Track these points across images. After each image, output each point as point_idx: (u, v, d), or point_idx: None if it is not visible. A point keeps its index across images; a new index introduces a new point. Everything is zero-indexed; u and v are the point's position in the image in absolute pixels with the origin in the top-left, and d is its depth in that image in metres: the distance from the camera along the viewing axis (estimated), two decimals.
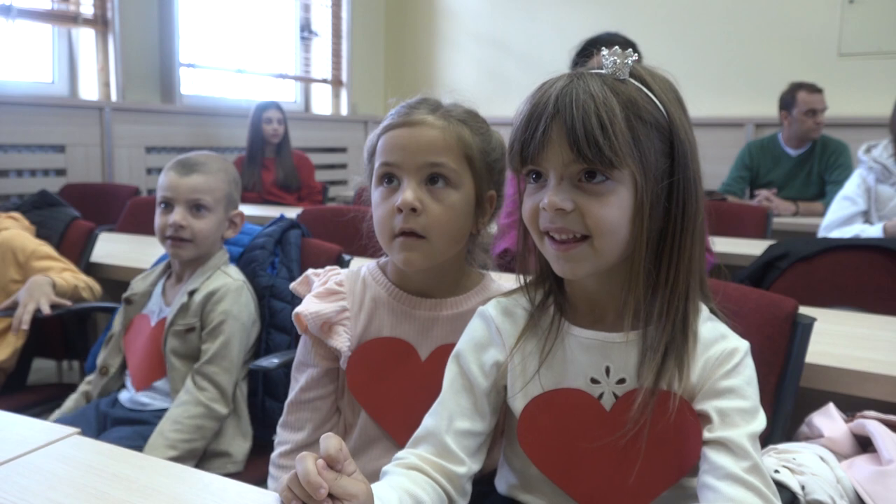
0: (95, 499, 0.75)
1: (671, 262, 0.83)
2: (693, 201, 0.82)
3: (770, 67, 4.30)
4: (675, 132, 0.81)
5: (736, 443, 0.79)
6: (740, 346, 0.85)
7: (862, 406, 1.14)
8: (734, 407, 0.81)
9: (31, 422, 0.94)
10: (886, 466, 0.97)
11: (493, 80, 5.29)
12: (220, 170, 1.60)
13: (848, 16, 4.22)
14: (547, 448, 0.89)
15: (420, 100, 1.06)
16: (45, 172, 3.51)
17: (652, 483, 0.85)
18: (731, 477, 0.77)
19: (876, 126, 3.31)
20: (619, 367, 0.86)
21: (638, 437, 0.82)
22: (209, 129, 4.28)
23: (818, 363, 1.18)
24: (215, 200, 1.57)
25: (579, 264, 0.82)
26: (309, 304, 1.09)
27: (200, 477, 0.81)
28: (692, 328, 0.84)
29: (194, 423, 1.42)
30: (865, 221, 2.57)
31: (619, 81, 0.80)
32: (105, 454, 0.85)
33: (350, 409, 1.12)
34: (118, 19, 3.75)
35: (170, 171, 1.56)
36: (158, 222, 1.56)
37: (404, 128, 1.02)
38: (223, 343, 1.49)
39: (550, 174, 0.81)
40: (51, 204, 2.29)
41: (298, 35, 5.25)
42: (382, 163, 1.02)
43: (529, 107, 0.82)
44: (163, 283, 1.65)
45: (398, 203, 0.99)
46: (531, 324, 0.91)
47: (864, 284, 1.74)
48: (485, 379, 0.91)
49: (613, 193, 0.79)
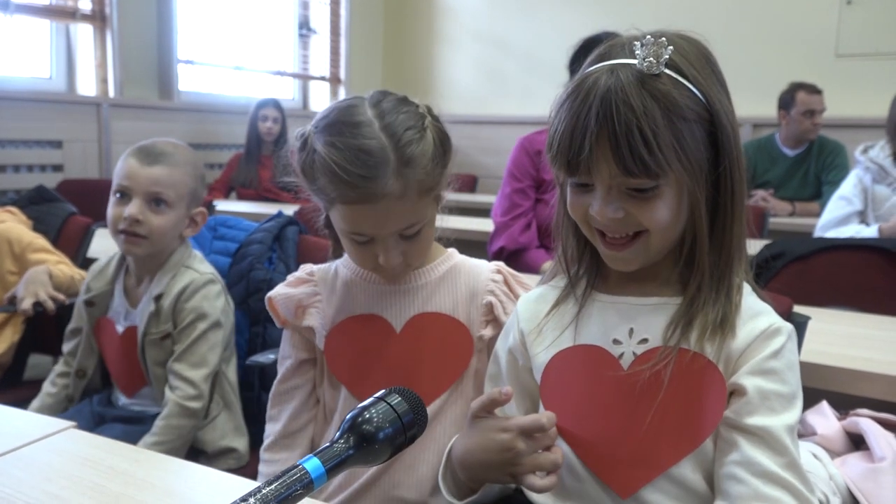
0: (91, 491, 0.75)
1: (723, 244, 0.83)
2: (739, 176, 0.82)
3: (768, 68, 4.30)
4: (717, 118, 0.80)
5: (774, 435, 0.77)
6: (784, 328, 0.84)
7: (855, 404, 1.15)
8: (774, 390, 0.79)
9: (28, 415, 0.95)
10: (878, 464, 0.98)
11: (491, 79, 5.29)
12: (187, 162, 1.48)
13: (846, 17, 4.23)
14: (564, 404, 0.88)
15: (362, 157, 0.93)
16: (42, 168, 3.51)
17: (666, 449, 0.82)
18: (767, 475, 0.75)
19: (873, 127, 3.32)
20: (643, 328, 0.85)
21: (653, 394, 0.81)
22: (207, 125, 4.28)
23: (812, 362, 1.18)
24: (178, 196, 1.44)
25: (634, 259, 0.84)
26: (279, 289, 1.13)
27: (195, 470, 0.82)
28: (736, 301, 0.83)
29: (166, 423, 1.39)
30: (862, 222, 2.57)
31: (655, 76, 0.78)
32: (101, 448, 0.86)
33: (330, 395, 1.13)
34: (116, 15, 3.75)
35: (130, 158, 1.43)
36: (111, 213, 1.44)
37: (365, 205, 0.95)
38: (193, 340, 1.44)
39: (597, 183, 0.81)
40: (48, 199, 2.29)
41: (297, 32, 5.25)
42: (351, 231, 1.00)
43: (570, 117, 0.79)
44: (122, 281, 1.55)
45: (383, 263, 1.01)
46: (562, 298, 0.93)
47: (858, 284, 1.75)
48: (504, 363, 0.96)
49: (663, 195, 0.79)
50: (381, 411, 0.59)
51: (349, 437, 0.58)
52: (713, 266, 0.83)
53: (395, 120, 0.97)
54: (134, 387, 1.53)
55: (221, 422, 1.50)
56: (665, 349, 0.81)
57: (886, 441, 1.01)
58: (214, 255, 1.71)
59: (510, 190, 2.39)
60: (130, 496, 0.74)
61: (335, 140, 0.95)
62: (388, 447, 0.59)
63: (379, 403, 0.60)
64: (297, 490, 0.53)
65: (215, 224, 1.78)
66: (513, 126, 3.46)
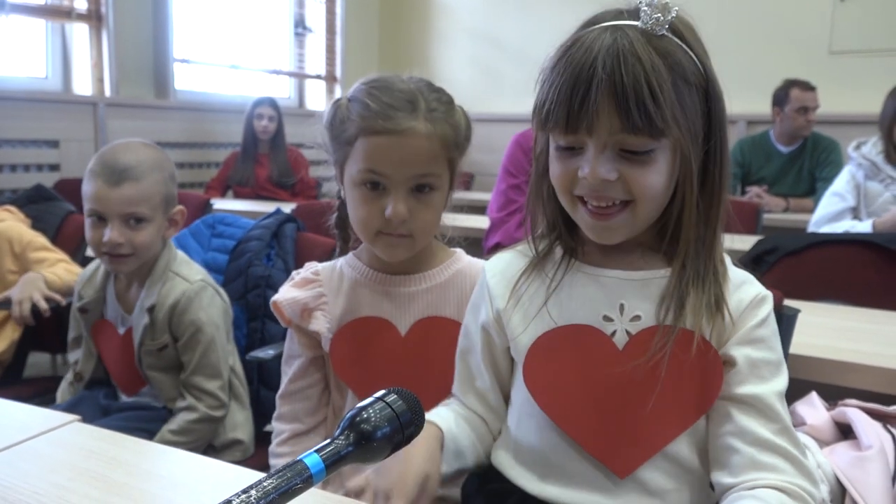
0: (97, 482, 0.77)
1: (711, 209, 0.82)
2: (727, 153, 0.82)
3: (762, 65, 4.32)
4: (713, 88, 0.80)
5: (766, 402, 0.77)
6: (768, 296, 0.84)
7: (844, 395, 1.16)
8: (763, 358, 0.80)
9: (32, 409, 0.96)
10: (865, 452, 1.00)
11: (487, 77, 5.30)
12: (153, 168, 1.42)
13: (839, 14, 4.25)
14: (554, 387, 0.86)
15: (396, 94, 1.01)
16: (38, 167, 3.51)
17: (663, 428, 0.82)
18: (761, 442, 0.76)
19: (866, 123, 3.33)
20: (634, 304, 0.83)
21: (652, 378, 0.79)
22: (203, 124, 4.28)
23: (802, 354, 1.20)
24: (152, 208, 1.42)
25: (619, 230, 0.81)
26: (285, 292, 1.12)
27: (199, 461, 0.84)
28: (723, 272, 0.83)
29: (190, 427, 1.43)
30: (855, 217, 2.60)
31: (658, 37, 0.76)
32: (105, 440, 0.87)
33: (338, 393, 1.14)
34: (112, 14, 3.75)
35: (96, 179, 1.38)
36: (90, 236, 1.41)
37: (390, 136, 0.98)
38: (202, 352, 1.45)
39: (590, 142, 0.77)
40: (46, 198, 2.30)
41: (292, 31, 5.25)
42: (367, 169, 1.00)
43: (572, 68, 0.76)
44: (112, 286, 1.54)
45: (389, 214, 0.99)
46: (532, 267, 0.90)
47: (849, 279, 1.77)
48: (477, 339, 0.93)
49: (657, 160, 0.77)
50: (379, 410, 0.61)
51: (349, 434, 0.60)
52: (699, 239, 0.82)
53: (428, 85, 1.05)
54: (134, 387, 1.54)
55: (231, 416, 1.52)
56: (664, 329, 0.80)
57: (874, 430, 1.03)
58: (213, 253, 1.73)
59: (506, 186, 2.40)
60: (135, 487, 0.76)
61: (371, 85, 1.02)
62: (386, 445, 0.61)
63: (377, 403, 0.61)
64: (296, 484, 0.55)
65: (213, 222, 1.79)
66: (508, 123, 3.47)
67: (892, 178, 2.54)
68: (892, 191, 2.54)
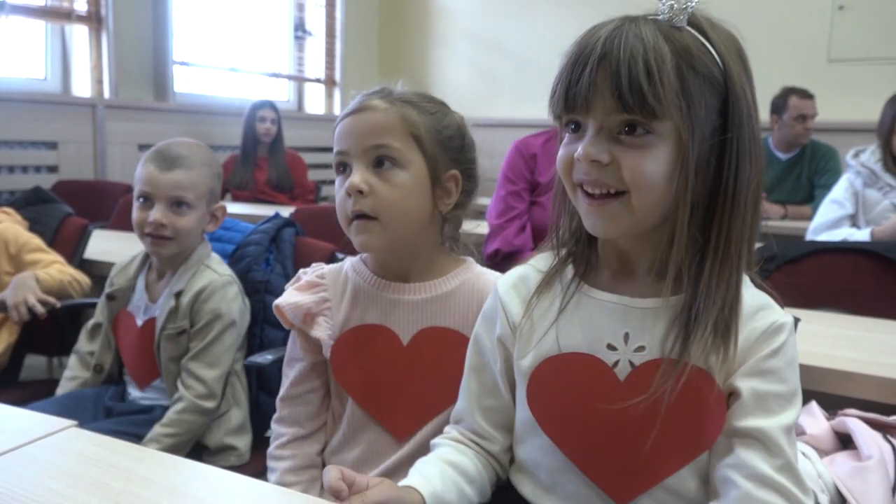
0: (94, 489, 0.76)
1: (722, 227, 0.77)
2: (747, 164, 0.76)
3: (760, 72, 4.25)
4: (732, 87, 0.76)
5: (769, 436, 0.74)
6: (786, 323, 0.79)
7: (843, 404, 1.16)
8: (772, 391, 0.76)
9: (30, 414, 0.95)
10: (865, 462, 1.00)
11: (486, 81, 5.30)
12: (203, 163, 1.54)
13: (838, 22, 4.26)
14: (556, 413, 0.85)
15: (376, 89, 1.08)
16: (37, 169, 3.51)
17: (664, 462, 0.80)
18: (759, 478, 0.73)
19: (864, 131, 3.34)
20: (639, 334, 0.80)
21: (653, 413, 0.76)
22: (202, 127, 4.28)
23: (802, 363, 1.18)
24: (197, 197, 1.51)
25: (613, 222, 0.77)
26: (288, 296, 1.11)
27: (197, 468, 0.83)
28: (738, 303, 0.77)
29: (178, 417, 1.43)
30: (853, 225, 2.60)
31: (675, 29, 0.74)
32: (103, 446, 0.87)
33: (338, 399, 1.14)
34: (112, 16, 3.75)
35: (149, 164, 1.49)
36: (136, 217, 1.50)
37: (353, 115, 1.04)
38: (210, 341, 1.48)
39: (590, 124, 0.76)
40: (44, 200, 2.29)
41: (292, 34, 5.26)
42: (336, 152, 1.05)
43: (576, 48, 0.77)
44: (144, 276, 1.61)
45: (346, 187, 1.01)
46: (545, 284, 0.88)
47: (848, 287, 1.77)
48: (496, 354, 0.91)
49: (654, 147, 0.74)
50: None
51: None
52: (717, 254, 0.77)
53: (420, 92, 1.09)
54: (147, 378, 1.55)
55: (227, 419, 1.52)
56: (667, 363, 0.77)
57: (873, 440, 1.03)
58: None
59: (505, 192, 2.40)
60: (133, 493, 0.75)
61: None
62: None
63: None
64: None
65: None
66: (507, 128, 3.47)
67: (891, 185, 2.54)
68: (890, 198, 2.54)
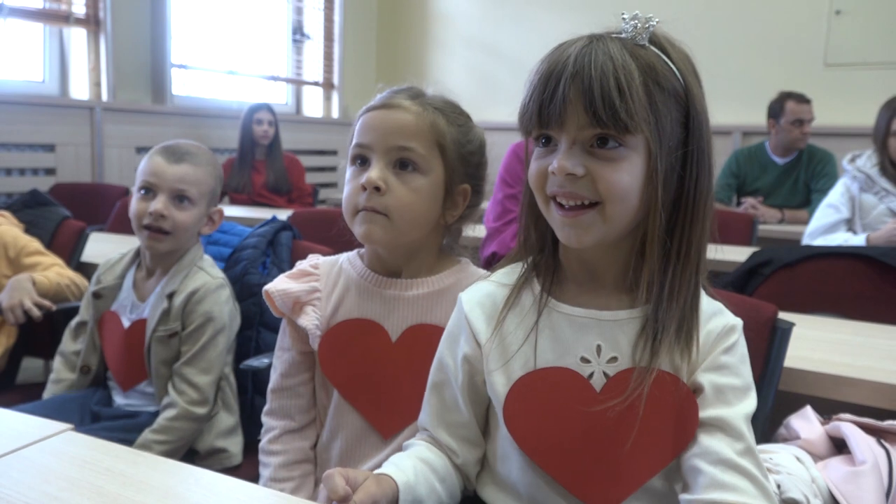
0: (90, 493, 0.76)
1: (684, 233, 0.82)
2: (706, 173, 0.82)
3: (757, 76, 4.35)
4: (692, 102, 0.81)
5: (730, 423, 0.78)
6: (737, 324, 0.85)
7: (838, 409, 1.17)
8: (728, 384, 0.81)
9: (25, 417, 0.95)
10: (859, 467, 1.00)
11: (483, 85, 5.31)
12: (209, 163, 1.55)
13: (834, 27, 4.28)
14: (533, 431, 0.86)
15: (406, 87, 1.08)
16: (34, 171, 3.51)
17: (643, 466, 0.83)
18: (724, 462, 0.76)
19: (861, 136, 3.36)
20: (611, 345, 0.83)
21: (630, 418, 0.80)
22: (200, 130, 4.28)
23: (797, 367, 1.21)
24: (200, 194, 1.51)
25: (587, 232, 0.80)
26: (279, 283, 1.11)
27: (192, 472, 0.83)
28: (697, 308, 0.83)
29: (170, 424, 1.42)
30: (849, 230, 2.61)
31: (639, 46, 0.79)
32: (99, 449, 0.87)
33: (324, 391, 1.13)
34: (110, 19, 3.76)
35: (156, 156, 1.49)
36: (136, 208, 1.48)
37: (381, 110, 1.04)
38: (202, 345, 1.47)
39: (562, 138, 0.79)
40: (42, 203, 2.29)
41: (290, 37, 5.27)
42: (356, 144, 1.05)
43: (546, 66, 0.80)
44: (133, 274, 1.59)
45: (363, 181, 1.01)
46: (513, 299, 0.89)
47: (843, 291, 1.77)
48: (458, 372, 0.91)
49: (626, 160, 0.78)
50: None
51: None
52: (679, 260, 0.82)
53: (448, 100, 1.10)
54: (132, 381, 1.54)
55: (217, 422, 1.51)
56: (639, 372, 0.80)
57: (867, 445, 1.04)
58: None
59: (502, 196, 2.41)
60: (128, 497, 0.75)
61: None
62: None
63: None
64: None
65: None
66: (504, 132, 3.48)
67: (887, 190, 2.55)
68: (886, 203, 2.55)
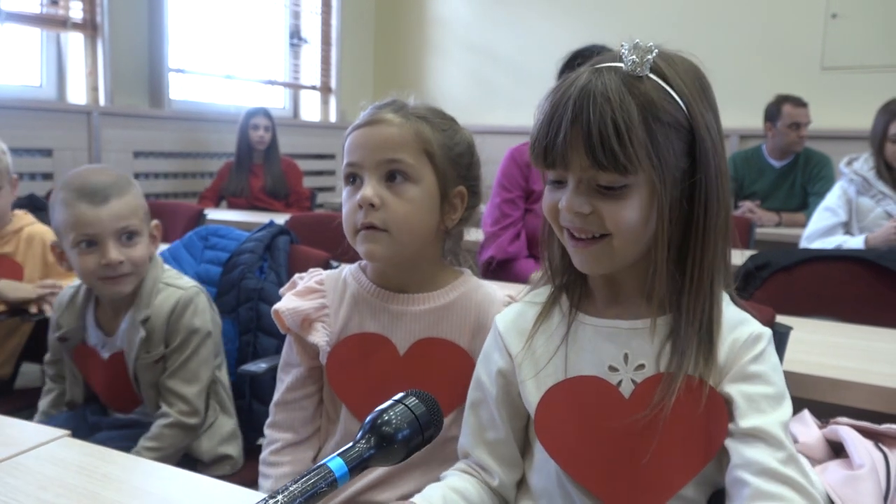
0: (86, 499, 0.76)
1: (695, 260, 0.83)
2: (715, 199, 0.82)
3: (754, 80, 4.36)
4: (696, 130, 0.80)
5: (769, 432, 0.78)
6: (764, 333, 0.85)
7: (836, 412, 1.17)
8: (760, 392, 0.80)
9: (22, 424, 0.95)
10: (857, 471, 1.00)
11: (481, 89, 5.32)
12: (129, 182, 1.43)
13: (831, 30, 4.29)
14: (564, 439, 0.87)
15: (389, 101, 1.09)
16: (31, 176, 3.50)
17: (675, 474, 0.83)
18: (767, 472, 0.76)
19: (858, 139, 3.36)
20: (638, 353, 0.85)
21: (659, 426, 0.80)
22: (197, 134, 4.28)
23: (794, 371, 1.21)
24: (141, 221, 1.41)
25: (598, 261, 0.83)
26: (287, 301, 1.11)
27: (190, 478, 0.83)
28: (717, 317, 0.83)
29: (163, 432, 1.40)
30: (846, 232, 2.62)
31: (638, 79, 0.79)
32: (95, 456, 0.87)
33: (332, 405, 1.13)
34: (107, 24, 3.76)
35: (78, 205, 1.35)
36: (82, 265, 1.36)
37: (366, 127, 1.05)
38: (186, 357, 1.43)
39: (569, 177, 0.81)
40: (39, 208, 2.30)
41: (288, 42, 5.27)
42: (346, 163, 1.06)
43: (550, 106, 0.81)
44: (92, 313, 1.49)
45: (358, 199, 1.02)
46: (544, 314, 0.91)
47: (841, 294, 1.77)
48: (493, 387, 0.92)
49: (631, 195, 0.79)
50: (400, 413, 0.63)
51: (370, 437, 0.62)
52: (692, 281, 0.83)
53: (431, 107, 1.10)
54: (127, 407, 1.51)
55: (217, 428, 1.50)
56: (667, 377, 0.81)
57: (865, 449, 1.04)
58: (206, 265, 1.72)
59: (500, 200, 2.41)
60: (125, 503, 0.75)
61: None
62: (405, 447, 0.63)
63: (397, 406, 0.63)
64: (322, 488, 0.56)
65: (207, 233, 1.79)
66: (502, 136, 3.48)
67: (884, 193, 2.56)
68: (883, 206, 2.56)
